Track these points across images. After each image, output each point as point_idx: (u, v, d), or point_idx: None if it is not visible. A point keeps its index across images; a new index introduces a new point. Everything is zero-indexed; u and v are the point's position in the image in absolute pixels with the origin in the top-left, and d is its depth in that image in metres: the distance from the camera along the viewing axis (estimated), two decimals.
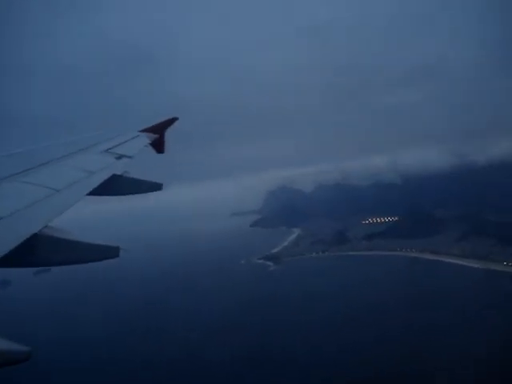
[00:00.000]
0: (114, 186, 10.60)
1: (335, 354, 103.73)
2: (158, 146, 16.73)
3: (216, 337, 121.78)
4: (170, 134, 16.79)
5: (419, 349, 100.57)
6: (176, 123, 16.95)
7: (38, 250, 6.32)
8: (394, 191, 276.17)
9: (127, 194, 11.44)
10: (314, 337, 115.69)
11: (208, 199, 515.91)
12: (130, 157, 12.85)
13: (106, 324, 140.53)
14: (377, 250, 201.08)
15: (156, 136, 16.70)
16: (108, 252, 6.88)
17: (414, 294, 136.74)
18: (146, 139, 15.89)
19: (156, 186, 11.79)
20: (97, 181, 9.60)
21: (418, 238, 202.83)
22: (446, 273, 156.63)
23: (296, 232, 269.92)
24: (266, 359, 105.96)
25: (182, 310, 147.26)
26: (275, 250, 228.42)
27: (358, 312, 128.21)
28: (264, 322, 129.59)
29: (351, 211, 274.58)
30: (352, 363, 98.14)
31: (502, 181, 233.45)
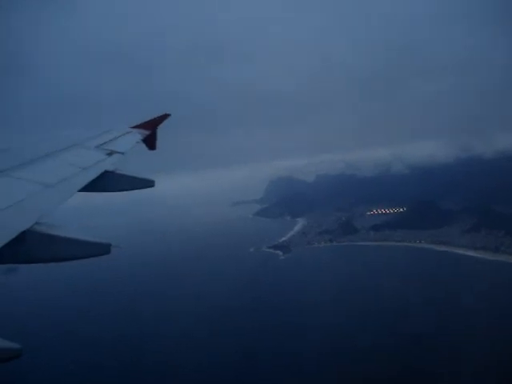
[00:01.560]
0: (105, 182, 10.61)
1: (348, 348, 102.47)
2: (150, 142, 16.87)
3: (231, 328, 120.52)
4: (170, 122, 17.30)
5: (433, 347, 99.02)
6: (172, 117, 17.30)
7: (28, 247, 6.21)
8: (399, 182, 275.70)
9: (119, 190, 11.36)
10: (330, 328, 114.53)
11: (207, 189, 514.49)
12: (121, 153, 12.85)
13: (107, 321, 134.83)
14: (386, 241, 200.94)
15: (148, 132, 16.77)
16: (99, 249, 6.79)
17: (430, 286, 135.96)
18: (137, 135, 16.05)
19: (148, 183, 11.72)
20: (89, 177, 9.62)
21: (426, 228, 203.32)
22: (460, 265, 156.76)
23: (301, 222, 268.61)
24: (283, 347, 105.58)
25: (195, 300, 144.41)
26: (282, 239, 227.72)
27: (374, 304, 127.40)
28: (281, 310, 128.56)
29: (355, 202, 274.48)
30: (363, 358, 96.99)
31: (510, 174, 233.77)
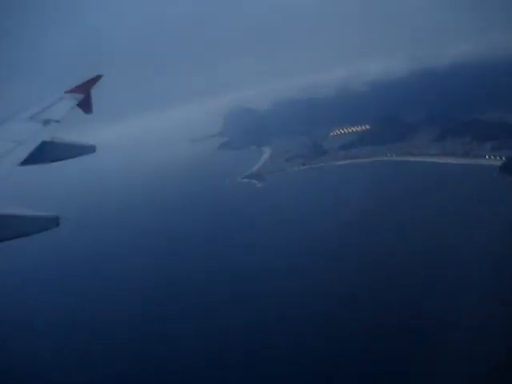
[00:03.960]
0: (45, 153, 10.36)
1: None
2: (86, 106, 16.52)
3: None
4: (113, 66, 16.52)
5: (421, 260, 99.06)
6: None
7: None
8: (359, 100, 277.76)
9: (59, 159, 11.22)
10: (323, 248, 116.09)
11: (161, 130, 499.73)
12: (57, 121, 12.60)
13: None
14: (357, 159, 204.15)
15: (82, 96, 16.35)
16: (46, 223, 6.65)
17: (414, 195, 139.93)
18: (72, 100, 15.64)
19: (89, 149, 11.75)
20: (27, 150, 9.35)
21: (393, 142, 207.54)
22: (437, 171, 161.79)
23: (267, 150, 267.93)
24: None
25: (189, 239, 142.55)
26: (254, 169, 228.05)
27: (364, 218, 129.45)
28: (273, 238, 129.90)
29: (316, 125, 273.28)
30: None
31: (465, 82, 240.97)
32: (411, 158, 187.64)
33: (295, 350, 76.53)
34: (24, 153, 8.96)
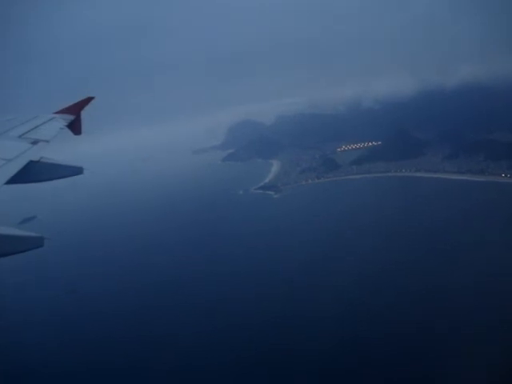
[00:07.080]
0: (31, 173, 10.34)
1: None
2: (75, 127, 16.50)
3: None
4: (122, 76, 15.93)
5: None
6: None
7: None
8: (368, 117, 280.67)
9: (46, 180, 11.12)
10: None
11: (164, 140, 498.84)
12: (46, 141, 12.59)
13: None
14: (370, 173, 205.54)
15: (72, 117, 16.52)
16: (30, 243, 6.64)
17: (430, 210, 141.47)
18: (61, 121, 15.78)
19: (76, 170, 11.63)
20: (13, 169, 9.25)
21: (406, 159, 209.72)
22: (456, 188, 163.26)
23: (276, 163, 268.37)
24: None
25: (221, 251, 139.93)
26: (266, 181, 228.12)
27: (386, 228, 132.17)
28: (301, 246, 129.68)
29: (323, 140, 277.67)
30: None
31: (474, 101, 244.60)
32: (426, 175, 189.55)
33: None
34: (10, 171, 8.76)
